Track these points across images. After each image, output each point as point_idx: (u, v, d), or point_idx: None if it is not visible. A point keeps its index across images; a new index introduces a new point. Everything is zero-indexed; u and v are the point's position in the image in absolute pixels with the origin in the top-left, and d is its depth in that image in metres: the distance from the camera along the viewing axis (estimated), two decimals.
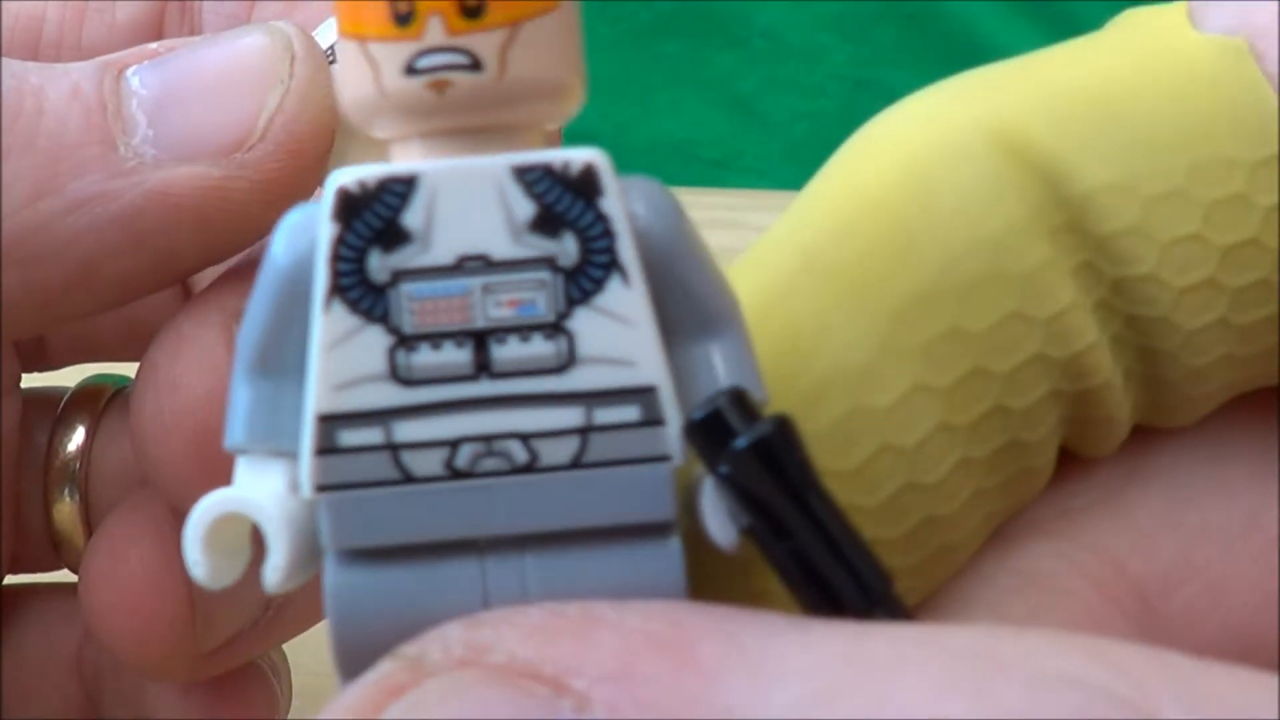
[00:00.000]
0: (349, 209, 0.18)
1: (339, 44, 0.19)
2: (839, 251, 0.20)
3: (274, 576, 0.18)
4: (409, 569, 0.18)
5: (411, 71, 0.18)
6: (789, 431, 0.18)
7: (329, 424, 0.18)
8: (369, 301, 0.18)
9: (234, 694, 0.29)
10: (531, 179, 0.18)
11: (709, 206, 0.51)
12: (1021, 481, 0.21)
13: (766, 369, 0.19)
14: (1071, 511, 0.22)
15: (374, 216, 0.18)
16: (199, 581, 0.18)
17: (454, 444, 0.18)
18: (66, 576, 0.29)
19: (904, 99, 0.21)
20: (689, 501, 0.19)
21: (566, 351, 0.18)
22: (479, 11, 0.18)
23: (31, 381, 0.29)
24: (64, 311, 0.24)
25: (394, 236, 0.18)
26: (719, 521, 0.18)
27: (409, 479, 0.18)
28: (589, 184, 0.18)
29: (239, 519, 0.18)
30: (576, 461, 0.18)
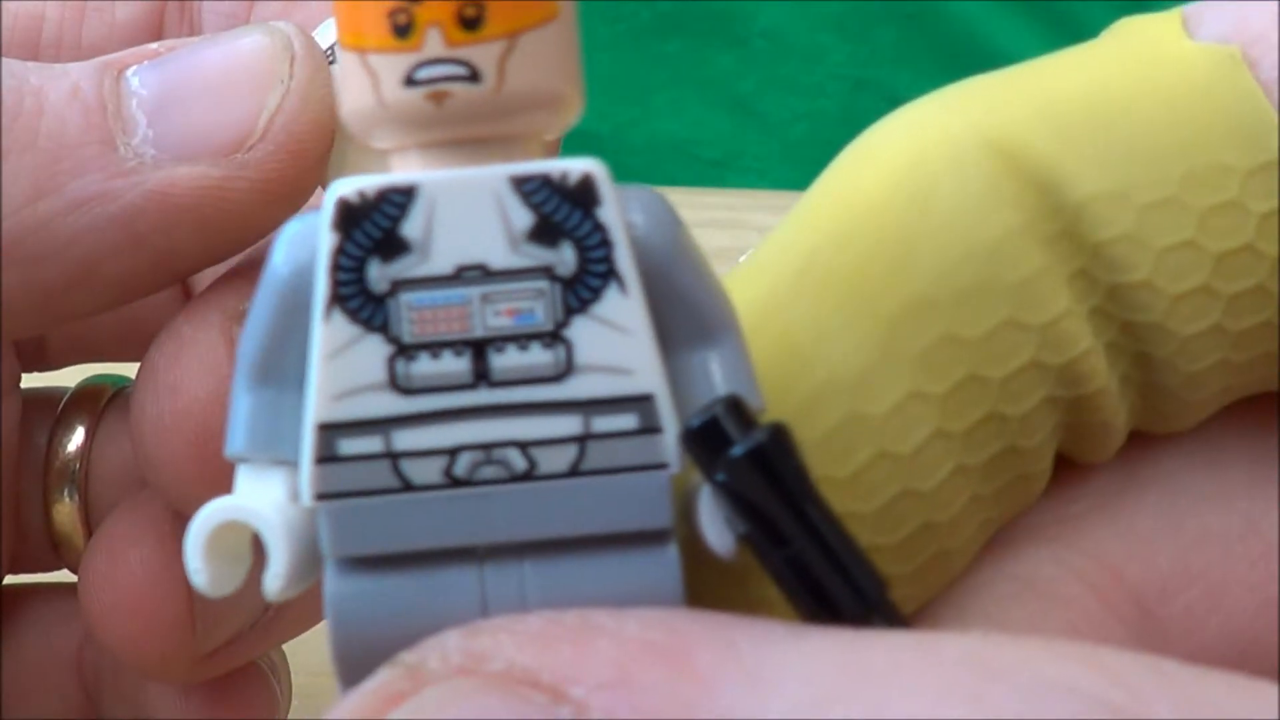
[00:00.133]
0: (349, 219, 0.18)
1: (338, 54, 0.19)
2: (836, 259, 0.20)
3: (274, 584, 0.18)
4: (408, 577, 0.18)
5: (411, 83, 0.18)
6: (785, 439, 0.18)
7: (329, 433, 0.18)
8: (368, 311, 0.18)
9: (234, 694, 0.29)
10: (530, 189, 0.18)
11: (709, 206, 0.51)
12: (1018, 488, 0.21)
13: (763, 376, 0.19)
14: (1069, 518, 0.22)
15: (373, 226, 0.18)
16: (200, 589, 0.18)
17: (453, 452, 0.18)
18: (66, 576, 0.29)
19: (900, 108, 0.21)
20: (686, 509, 0.19)
21: (564, 360, 0.18)
22: (478, 23, 0.18)
23: (31, 381, 0.29)
24: (64, 311, 0.24)
25: (393, 246, 0.18)
26: (716, 529, 0.18)
27: (408, 487, 0.18)
28: (587, 194, 0.18)
29: (240, 527, 0.18)
30: (574, 469, 0.18)
